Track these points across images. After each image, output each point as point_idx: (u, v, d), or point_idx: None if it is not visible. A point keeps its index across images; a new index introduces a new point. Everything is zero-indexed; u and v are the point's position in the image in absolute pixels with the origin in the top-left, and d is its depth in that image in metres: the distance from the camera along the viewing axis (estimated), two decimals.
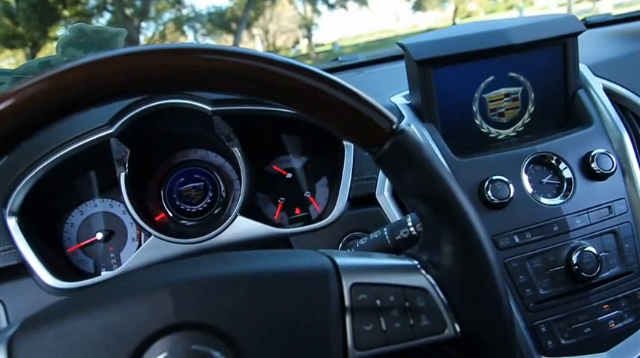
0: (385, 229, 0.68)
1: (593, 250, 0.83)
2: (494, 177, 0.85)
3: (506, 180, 0.85)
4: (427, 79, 0.89)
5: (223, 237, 0.84)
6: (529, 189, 0.87)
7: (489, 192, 0.84)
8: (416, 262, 0.44)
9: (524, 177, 0.88)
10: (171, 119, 0.90)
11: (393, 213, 0.85)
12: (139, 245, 0.91)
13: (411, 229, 0.66)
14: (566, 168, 0.89)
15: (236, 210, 0.85)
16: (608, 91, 0.97)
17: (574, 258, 0.82)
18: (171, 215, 0.93)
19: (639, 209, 0.89)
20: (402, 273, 0.43)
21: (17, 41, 9.56)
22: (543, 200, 0.87)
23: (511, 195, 0.84)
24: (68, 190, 0.91)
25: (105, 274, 0.86)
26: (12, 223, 0.81)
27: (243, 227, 0.85)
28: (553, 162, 0.90)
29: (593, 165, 0.88)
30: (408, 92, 0.97)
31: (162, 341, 0.37)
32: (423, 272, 0.43)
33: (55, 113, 0.38)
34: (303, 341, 0.39)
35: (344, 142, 0.89)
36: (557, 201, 0.88)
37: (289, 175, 0.97)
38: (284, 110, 0.86)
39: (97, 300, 0.39)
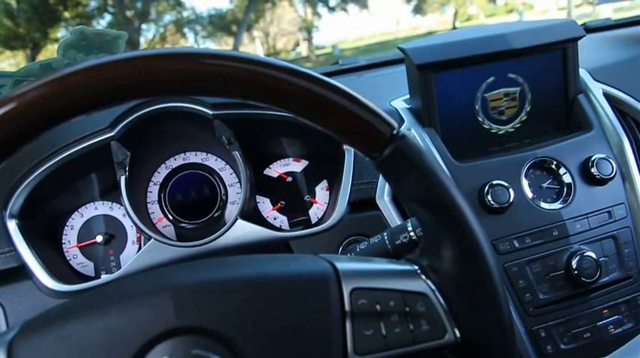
0: (385, 234, 0.68)
1: (593, 255, 0.83)
2: (494, 182, 0.85)
3: (506, 184, 0.85)
4: (428, 84, 0.89)
5: (223, 240, 0.84)
6: (529, 193, 0.88)
7: (489, 197, 0.84)
8: (416, 267, 0.44)
9: (524, 182, 0.88)
10: (172, 122, 0.90)
11: (393, 218, 0.85)
12: (139, 248, 0.91)
13: (411, 234, 0.66)
14: (566, 172, 0.89)
15: (236, 213, 0.85)
16: (608, 96, 0.97)
17: (574, 263, 0.82)
18: (171, 218, 0.93)
19: (639, 214, 0.89)
20: (402, 278, 0.43)
21: (18, 42, 9.56)
22: (543, 205, 0.87)
23: (511, 199, 0.84)
24: (68, 193, 0.91)
25: (105, 277, 0.86)
26: (12, 226, 0.81)
27: (243, 230, 0.85)
28: (553, 166, 0.90)
29: (593, 170, 0.88)
30: (408, 96, 0.97)
31: (163, 345, 0.37)
32: (423, 277, 0.43)
33: (56, 117, 0.38)
34: (304, 345, 0.39)
35: (344, 146, 0.89)
36: (556, 205, 0.88)
37: (289, 179, 0.98)
38: (284, 114, 0.86)
39: (97, 304, 0.39)
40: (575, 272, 0.82)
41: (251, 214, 0.94)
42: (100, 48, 0.95)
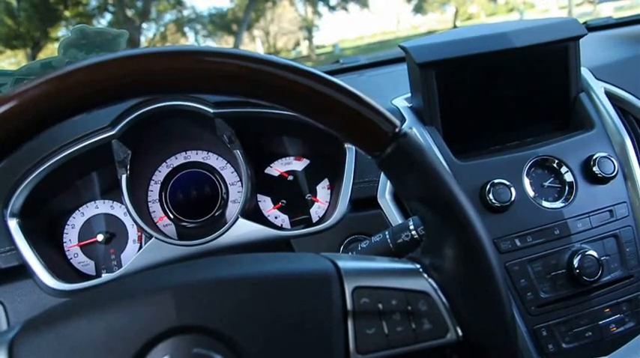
0: (387, 232, 0.68)
1: (595, 254, 0.83)
2: (496, 181, 0.85)
3: (507, 183, 0.85)
4: (429, 82, 0.89)
5: (224, 239, 0.84)
6: (530, 192, 0.87)
7: (491, 196, 0.84)
8: (418, 266, 0.44)
9: (526, 181, 0.88)
10: (173, 121, 0.90)
11: (394, 216, 0.85)
12: (140, 247, 0.91)
13: (413, 233, 0.66)
14: (567, 171, 0.89)
15: (237, 212, 0.85)
16: (609, 95, 0.97)
17: (575, 262, 0.82)
18: (172, 217, 0.93)
19: None
20: (404, 277, 0.43)
21: (18, 41, 9.56)
22: (545, 203, 0.87)
23: (512, 198, 0.84)
24: (69, 191, 0.91)
25: (106, 276, 0.86)
26: (13, 224, 0.80)
27: (244, 229, 0.85)
28: (554, 165, 0.90)
29: (595, 168, 0.88)
30: (409, 95, 0.97)
31: (164, 344, 0.37)
32: (425, 275, 0.43)
33: (57, 115, 0.38)
34: (305, 344, 0.39)
35: (345, 145, 0.89)
36: (558, 204, 0.88)
37: (290, 178, 0.97)
38: (285, 112, 0.86)
39: (99, 302, 0.39)
40: (577, 271, 0.82)
41: (252, 213, 0.93)
42: (100, 47, 0.95)
